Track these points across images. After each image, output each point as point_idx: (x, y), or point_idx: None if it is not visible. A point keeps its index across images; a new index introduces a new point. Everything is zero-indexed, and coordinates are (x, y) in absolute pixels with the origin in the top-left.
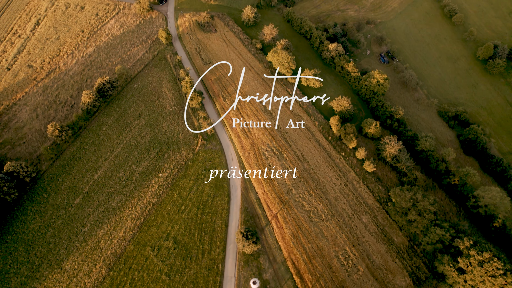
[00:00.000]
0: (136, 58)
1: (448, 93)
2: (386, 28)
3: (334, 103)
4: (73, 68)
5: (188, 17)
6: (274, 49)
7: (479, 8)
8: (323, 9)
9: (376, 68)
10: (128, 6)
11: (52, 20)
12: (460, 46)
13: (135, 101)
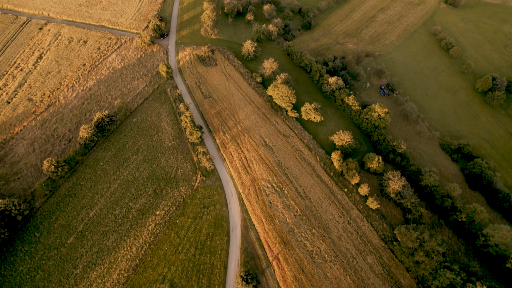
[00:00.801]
0: (136, 91)
1: (450, 126)
2: (385, 61)
3: (335, 137)
4: (72, 102)
5: (189, 51)
6: (274, 83)
7: (475, 41)
8: (322, 43)
9: (377, 101)
10: (130, 40)
11: (54, 54)
12: (458, 78)
13: (134, 136)
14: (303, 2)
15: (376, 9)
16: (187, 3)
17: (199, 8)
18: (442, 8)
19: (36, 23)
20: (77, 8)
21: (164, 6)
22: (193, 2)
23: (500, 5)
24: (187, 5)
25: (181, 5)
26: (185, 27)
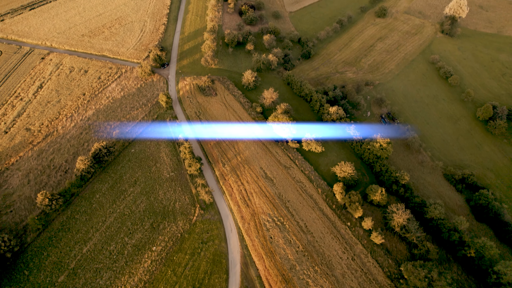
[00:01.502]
0: (135, 121)
1: (453, 155)
2: (385, 89)
3: (337, 168)
4: (71, 132)
5: (189, 81)
6: (274, 114)
7: (473, 70)
8: (322, 72)
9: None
10: (130, 70)
11: (55, 83)
12: (459, 107)
13: (132, 167)
14: (302, 32)
15: (374, 38)
16: (188, 33)
17: (199, 38)
18: (439, 37)
19: (38, 53)
20: (79, 38)
21: (165, 36)
22: (194, 32)
23: (495, 34)
24: (188, 35)
25: (182, 35)
26: (186, 56)
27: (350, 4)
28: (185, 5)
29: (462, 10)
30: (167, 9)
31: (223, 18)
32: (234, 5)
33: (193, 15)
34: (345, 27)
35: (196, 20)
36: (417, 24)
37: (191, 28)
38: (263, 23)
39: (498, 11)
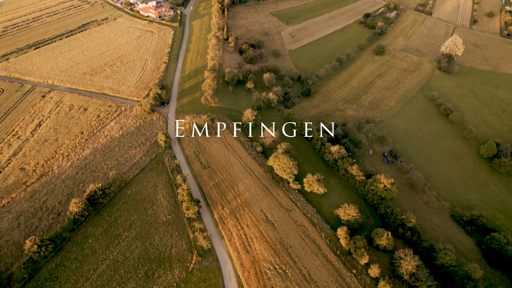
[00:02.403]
0: (132, 161)
1: (459, 194)
2: (386, 127)
3: (340, 211)
4: (66, 172)
5: (189, 119)
6: (275, 154)
7: (473, 107)
8: (322, 109)
9: (380, 169)
10: (130, 108)
11: (54, 122)
12: (461, 144)
13: (127, 209)
14: (302, 70)
15: (373, 75)
16: (188, 72)
17: (200, 77)
18: (437, 74)
19: (40, 91)
20: (81, 76)
21: (166, 74)
22: (195, 70)
23: (491, 71)
24: (189, 73)
25: (183, 73)
26: (186, 95)
27: (349, 43)
28: (186, 43)
29: (458, 49)
30: (168, 47)
31: (224, 56)
32: (234, 44)
33: (194, 53)
34: (344, 65)
35: (197, 58)
36: (415, 61)
37: (191, 67)
38: (263, 61)
39: (493, 49)
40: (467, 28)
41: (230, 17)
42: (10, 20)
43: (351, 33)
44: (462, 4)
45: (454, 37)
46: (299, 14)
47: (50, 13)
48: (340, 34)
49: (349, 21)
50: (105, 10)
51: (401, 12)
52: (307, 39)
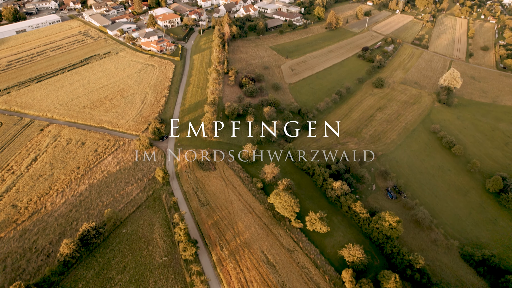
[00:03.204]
0: (129, 198)
1: (467, 232)
2: (389, 161)
3: (345, 252)
4: (60, 209)
5: (188, 154)
6: (276, 191)
7: (475, 139)
8: (323, 143)
9: (384, 205)
10: (128, 142)
11: (50, 156)
12: (466, 178)
13: (122, 250)
14: (302, 103)
15: (373, 108)
16: (189, 105)
17: (200, 111)
18: (436, 107)
19: (38, 124)
20: (81, 109)
21: (166, 108)
22: (194, 104)
23: (491, 104)
24: (188, 107)
25: (183, 107)
26: (185, 129)
27: (348, 76)
28: (187, 77)
29: (457, 82)
30: (169, 81)
31: (224, 90)
32: (234, 78)
33: (194, 87)
34: (344, 98)
35: (197, 92)
36: (414, 94)
37: (191, 100)
38: (263, 95)
39: (490, 82)
40: (464, 61)
41: (231, 51)
42: (15, 55)
43: (350, 66)
44: (457, 39)
45: (452, 70)
46: (298, 48)
47: (54, 48)
48: (339, 67)
49: (347, 54)
50: (107, 44)
51: (398, 46)
52: (306, 73)
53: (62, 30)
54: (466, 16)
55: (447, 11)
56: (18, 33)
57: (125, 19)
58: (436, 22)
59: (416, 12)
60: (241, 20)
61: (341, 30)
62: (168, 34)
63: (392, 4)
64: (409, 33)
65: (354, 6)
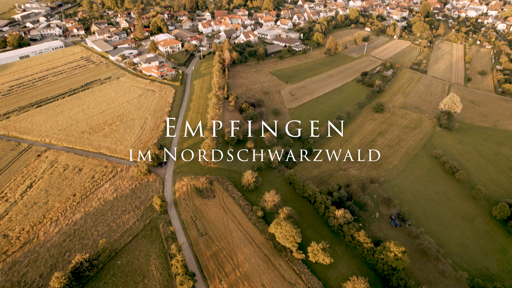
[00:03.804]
0: (125, 227)
1: (476, 262)
2: (391, 187)
3: (349, 285)
4: (53, 239)
5: (186, 181)
6: (276, 221)
7: (478, 164)
8: (324, 169)
9: (388, 233)
10: (126, 169)
11: (46, 183)
12: (471, 204)
13: (115, 283)
14: (303, 129)
15: (374, 133)
16: (188, 131)
17: (199, 136)
18: (438, 131)
19: (36, 150)
20: (79, 135)
21: (165, 133)
22: (194, 129)
23: (492, 128)
24: (188, 132)
25: (182, 132)
26: (184, 155)
27: (348, 100)
28: (187, 102)
29: (457, 106)
30: (169, 106)
31: (224, 115)
32: (234, 103)
33: (194, 112)
34: (344, 123)
35: (197, 117)
36: (415, 118)
37: (191, 126)
38: (263, 120)
39: (490, 106)
40: (462, 86)
41: (231, 76)
42: (17, 80)
43: (350, 91)
44: (454, 63)
45: (452, 95)
46: (298, 73)
47: (56, 73)
48: (339, 92)
49: (347, 79)
50: (109, 69)
51: (397, 71)
52: (306, 98)
53: (64, 56)
54: (462, 42)
55: (443, 37)
56: (21, 58)
57: (127, 44)
58: (433, 48)
59: (413, 38)
60: (241, 46)
61: (340, 55)
62: (169, 60)
63: (389, 30)
64: (407, 58)
65: (353, 32)
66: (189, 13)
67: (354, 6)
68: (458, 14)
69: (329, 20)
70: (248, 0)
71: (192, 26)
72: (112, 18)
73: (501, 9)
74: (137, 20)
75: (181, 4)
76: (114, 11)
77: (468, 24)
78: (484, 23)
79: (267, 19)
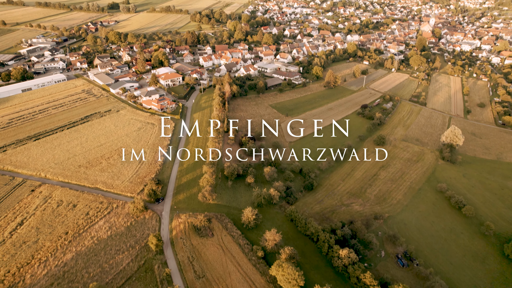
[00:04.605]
0: (118, 268)
1: None
2: (396, 223)
3: None
4: (40, 282)
5: (184, 219)
6: (278, 262)
7: (485, 199)
8: (326, 205)
9: (396, 274)
10: (122, 205)
11: (37, 220)
12: (481, 242)
13: None
14: (304, 163)
15: (376, 167)
16: (187, 165)
17: (198, 171)
18: (441, 164)
19: (30, 185)
20: (76, 169)
21: (163, 168)
22: (193, 164)
23: (495, 161)
24: (187, 167)
25: (181, 167)
26: (183, 190)
27: (348, 133)
28: (186, 136)
29: (459, 139)
30: (168, 140)
31: (224, 149)
32: (234, 137)
33: (194, 146)
34: (346, 156)
35: (196, 151)
36: (417, 151)
37: (190, 160)
38: (264, 154)
39: (492, 138)
40: (462, 118)
41: (231, 110)
42: (17, 112)
43: (350, 124)
44: (453, 96)
45: (453, 127)
46: (298, 106)
47: (56, 105)
48: (340, 125)
49: (347, 112)
50: (109, 102)
51: (397, 103)
52: (307, 131)
53: (66, 89)
54: (458, 75)
55: (440, 69)
56: (23, 91)
57: (128, 78)
58: (431, 80)
59: (411, 71)
60: (241, 79)
61: (340, 88)
62: (170, 93)
63: (387, 63)
64: (406, 90)
65: (351, 65)
66: (190, 47)
67: (352, 40)
68: (453, 48)
69: (328, 54)
70: (248, 35)
71: (193, 60)
72: (115, 52)
73: (493, 43)
74: (139, 54)
75: (183, 39)
76: (117, 45)
77: (464, 57)
78: (478, 57)
79: (267, 53)
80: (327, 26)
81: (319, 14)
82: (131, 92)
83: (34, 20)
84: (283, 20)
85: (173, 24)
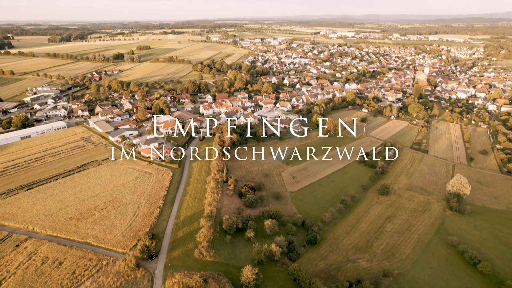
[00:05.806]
0: None
1: None
2: (407, 282)
3: None
4: None
5: (179, 278)
6: None
7: (500, 253)
8: (331, 261)
9: None
10: (113, 262)
11: (18, 281)
12: None
13: None
14: (306, 214)
15: (382, 218)
16: (184, 218)
17: (195, 224)
18: (449, 215)
19: (15, 239)
20: (66, 221)
21: (159, 220)
22: (190, 216)
23: (506, 211)
24: (183, 220)
25: (177, 219)
26: (178, 246)
27: (351, 182)
28: (184, 186)
29: (465, 188)
30: (165, 190)
31: (222, 200)
32: (234, 187)
33: (191, 197)
34: (349, 207)
35: (194, 202)
36: (423, 200)
37: (187, 212)
38: (264, 205)
39: (499, 187)
40: (466, 165)
41: (231, 158)
42: (13, 160)
43: (352, 172)
44: (454, 143)
45: (459, 176)
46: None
47: (53, 153)
48: (341, 173)
49: (348, 160)
50: (107, 150)
51: (398, 151)
52: (308, 180)
53: (65, 136)
54: (457, 122)
55: (439, 117)
56: (22, 139)
57: (128, 125)
58: (431, 127)
59: (410, 118)
60: (241, 128)
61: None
62: (169, 141)
63: (386, 111)
64: (406, 137)
65: (350, 113)
66: (191, 96)
67: (350, 89)
68: (449, 95)
69: (327, 102)
70: (248, 83)
71: (193, 108)
72: (116, 100)
73: (487, 91)
74: (140, 102)
75: (184, 87)
76: (119, 93)
77: (460, 105)
78: (475, 104)
79: (267, 102)
80: (325, 75)
81: (317, 64)
82: (130, 140)
83: (41, 70)
84: (282, 70)
85: (175, 74)
